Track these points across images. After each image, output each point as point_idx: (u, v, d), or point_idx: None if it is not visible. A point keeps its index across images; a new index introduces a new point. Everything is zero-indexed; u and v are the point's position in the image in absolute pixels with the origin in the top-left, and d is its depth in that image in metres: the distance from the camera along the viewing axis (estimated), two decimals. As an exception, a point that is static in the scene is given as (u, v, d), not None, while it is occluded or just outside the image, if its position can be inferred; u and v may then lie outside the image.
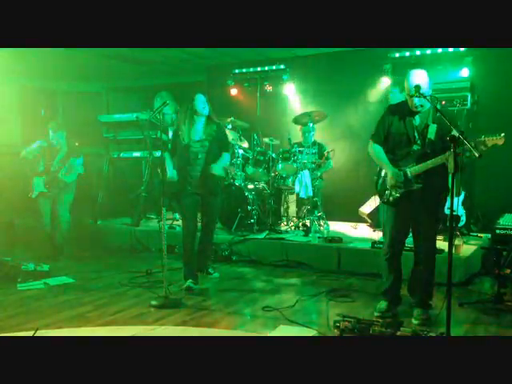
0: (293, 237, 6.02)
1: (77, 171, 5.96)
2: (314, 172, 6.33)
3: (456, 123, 3.44)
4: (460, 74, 6.20)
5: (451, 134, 2.96)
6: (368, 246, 5.37)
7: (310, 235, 5.87)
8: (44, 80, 9.07)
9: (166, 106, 4.41)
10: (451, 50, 6.15)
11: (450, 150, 2.87)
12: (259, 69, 7.74)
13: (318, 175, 6.49)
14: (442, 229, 4.49)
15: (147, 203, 7.18)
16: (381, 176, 3.85)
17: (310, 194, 6.18)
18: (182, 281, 4.68)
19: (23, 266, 4.90)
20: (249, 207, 6.27)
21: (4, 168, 7.49)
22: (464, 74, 6.18)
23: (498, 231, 5.01)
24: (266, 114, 7.83)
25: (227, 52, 7.21)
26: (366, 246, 5.43)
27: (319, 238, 5.79)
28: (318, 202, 6.40)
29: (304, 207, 6.46)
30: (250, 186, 6.55)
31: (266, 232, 6.20)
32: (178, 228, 6.56)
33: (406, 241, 3.92)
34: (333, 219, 6.73)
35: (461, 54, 6.17)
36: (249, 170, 6.67)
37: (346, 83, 7.13)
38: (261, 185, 6.75)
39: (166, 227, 4.34)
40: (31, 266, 4.95)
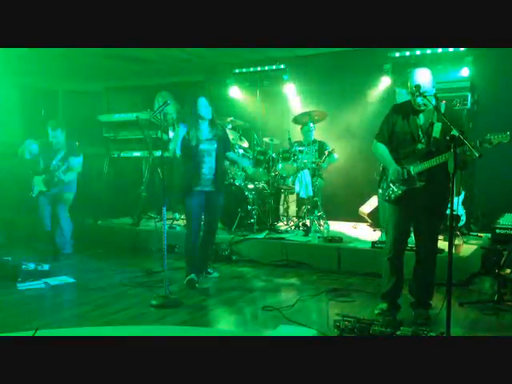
0: (293, 236, 6.02)
1: (76, 170, 5.96)
2: (319, 165, 6.32)
3: (460, 122, 3.45)
4: (460, 74, 6.19)
5: (451, 133, 2.96)
6: (368, 245, 5.37)
7: (310, 235, 5.87)
8: (44, 80, 9.06)
9: (167, 106, 4.42)
10: (451, 49, 6.14)
11: (451, 150, 2.88)
12: (259, 68, 7.72)
13: (324, 167, 6.48)
14: (442, 228, 4.48)
15: (147, 203, 7.18)
16: (384, 175, 3.85)
17: (310, 193, 6.18)
18: (182, 280, 4.69)
19: (23, 266, 4.89)
20: (249, 207, 6.27)
21: (4, 167, 7.50)
22: (464, 73, 6.18)
23: (498, 231, 5.02)
24: (266, 113, 7.83)
25: (227, 52, 7.20)
26: (366, 245, 5.43)
27: (319, 237, 5.79)
28: (318, 202, 6.39)
29: (304, 207, 6.46)
30: (250, 186, 6.55)
31: (266, 232, 6.20)
32: (178, 228, 6.57)
33: (408, 240, 3.92)
34: (333, 219, 6.73)
35: (461, 54, 6.15)
36: (249, 170, 6.67)
37: (346, 83, 7.14)
38: (261, 184, 6.75)
39: (166, 227, 4.35)
40: (31, 265, 4.95)
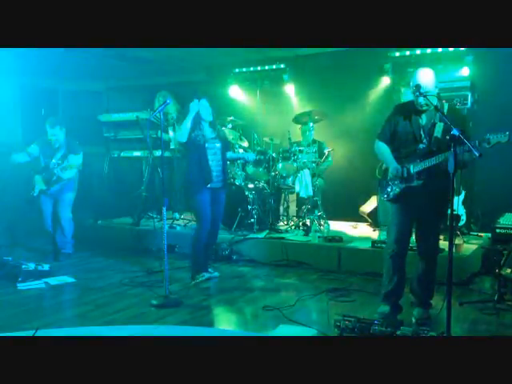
0: (293, 236, 6.02)
1: (76, 167, 5.94)
2: (317, 167, 6.33)
3: (463, 122, 3.43)
4: (460, 73, 6.19)
5: (451, 133, 2.96)
6: (368, 245, 5.37)
7: (310, 235, 5.87)
8: (44, 79, 9.05)
9: (168, 106, 4.42)
10: (451, 49, 6.14)
11: (450, 150, 2.88)
12: (259, 68, 7.73)
13: (322, 169, 6.50)
14: (443, 228, 4.48)
15: (147, 203, 7.18)
16: (386, 175, 3.85)
17: (310, 193, 6.18)
18: (182, 280, 4.69)
19: (24, 266, 4.89)
20: (249, 207, 6.27)
21: (5, 167, 7.49)
22: (464, 73, 6.18)
23: (498, 230, 5.02)
24: (266, 113, 7.83)
25: (227, 51, 7.20)
26: (366, 245, 5.43)
27: (319, 237, 5.79)
28: (318, 202, 6.39)
29: (304, 206, 6.46)
30: (250, 186, 6.55)
31: (266, 231, 6.20)
32: (178, 228, 6.58)
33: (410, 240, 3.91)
34: (333, 218, 6.72)
35: (461, 54, 6.15)
36: (249, 170, 6.68)
37: (347, 82, 7.12)
38: (261, 184, 6.74)
39: (166, 227, 4.35)
40: (32, 265, 4.95)
